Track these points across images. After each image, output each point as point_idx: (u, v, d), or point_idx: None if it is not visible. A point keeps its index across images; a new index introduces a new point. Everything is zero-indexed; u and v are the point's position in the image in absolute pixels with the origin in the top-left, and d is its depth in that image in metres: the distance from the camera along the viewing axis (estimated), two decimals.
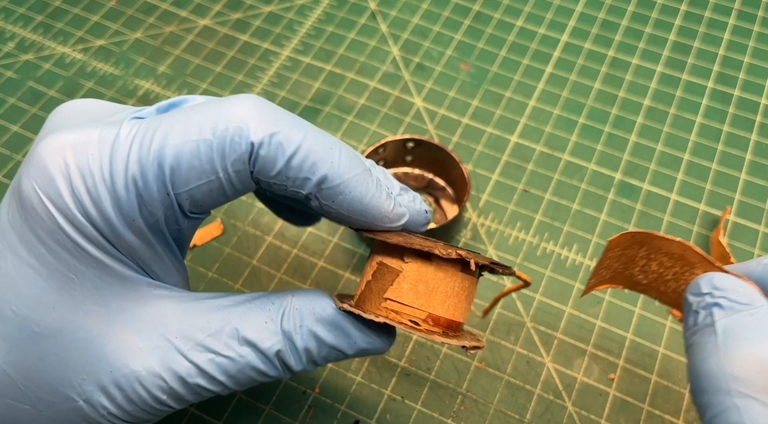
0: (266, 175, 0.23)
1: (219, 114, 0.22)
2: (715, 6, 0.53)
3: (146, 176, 0.22)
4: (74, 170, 0.22)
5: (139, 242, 0.23)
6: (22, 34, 0.51)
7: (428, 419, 0.35)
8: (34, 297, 0.23)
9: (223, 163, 0.22)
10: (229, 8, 0.53)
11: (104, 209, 0.22)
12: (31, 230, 0.23)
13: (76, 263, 0.23)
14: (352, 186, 0.24)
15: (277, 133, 0.22)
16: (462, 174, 0.40)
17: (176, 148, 0.22)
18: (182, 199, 0.23)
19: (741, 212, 0.43)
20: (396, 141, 0.42)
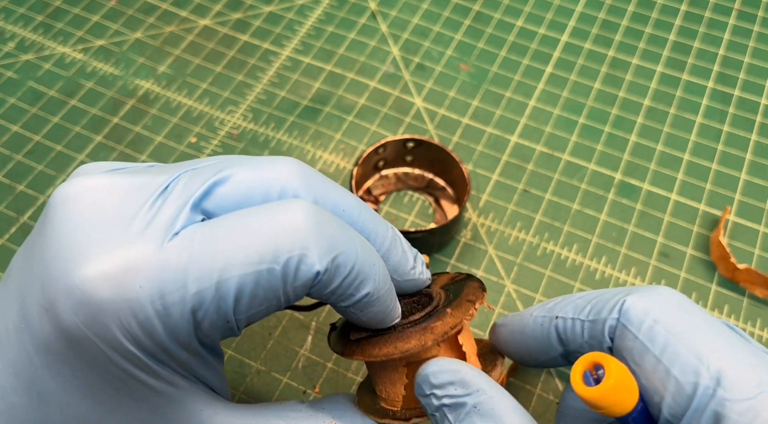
0: (319, 293, 0.23)
1: (279, 235, 0.21)
2: (715, 6, 0.53)
3: (207, 308, 0.21)
4: (123, 306, 0.20)
5: (192, 357, 0.23)
6: (22, 34, 0.51)
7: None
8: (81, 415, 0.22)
9: (285, 289, 0.22)
10: (229, 8, 0.53)
11: (158, 339, 0.21)
12: (76, 356, 0.21)
13: (124, 387, 0.22)
14: (382, 301, 0.24)
15: (338, 256, 0.22)
16: (462, 174, 0.40)
17: (240, 280, 0.21)
18: (241, 323, 0.22)
19: (741, 212, 0.43)
20: (396, 141, 0.42)
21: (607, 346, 0.24)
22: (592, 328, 0.24)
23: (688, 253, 0.41)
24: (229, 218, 0.22)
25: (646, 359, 0.22)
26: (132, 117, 0.47)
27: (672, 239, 0.42)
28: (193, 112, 0.47)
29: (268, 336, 0.38)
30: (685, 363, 0.22)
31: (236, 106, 0.47)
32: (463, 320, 0.24)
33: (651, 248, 0.41)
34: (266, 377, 0.36)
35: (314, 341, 0.38)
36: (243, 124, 0.47)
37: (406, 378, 0.25)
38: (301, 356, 0.37)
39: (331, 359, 0.37)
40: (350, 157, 0.45)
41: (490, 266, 0.41)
